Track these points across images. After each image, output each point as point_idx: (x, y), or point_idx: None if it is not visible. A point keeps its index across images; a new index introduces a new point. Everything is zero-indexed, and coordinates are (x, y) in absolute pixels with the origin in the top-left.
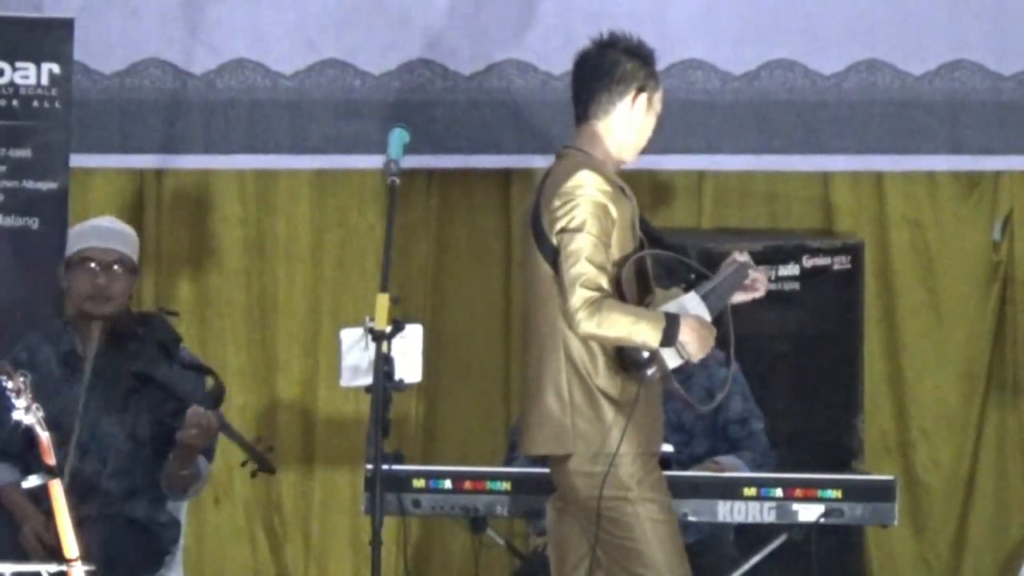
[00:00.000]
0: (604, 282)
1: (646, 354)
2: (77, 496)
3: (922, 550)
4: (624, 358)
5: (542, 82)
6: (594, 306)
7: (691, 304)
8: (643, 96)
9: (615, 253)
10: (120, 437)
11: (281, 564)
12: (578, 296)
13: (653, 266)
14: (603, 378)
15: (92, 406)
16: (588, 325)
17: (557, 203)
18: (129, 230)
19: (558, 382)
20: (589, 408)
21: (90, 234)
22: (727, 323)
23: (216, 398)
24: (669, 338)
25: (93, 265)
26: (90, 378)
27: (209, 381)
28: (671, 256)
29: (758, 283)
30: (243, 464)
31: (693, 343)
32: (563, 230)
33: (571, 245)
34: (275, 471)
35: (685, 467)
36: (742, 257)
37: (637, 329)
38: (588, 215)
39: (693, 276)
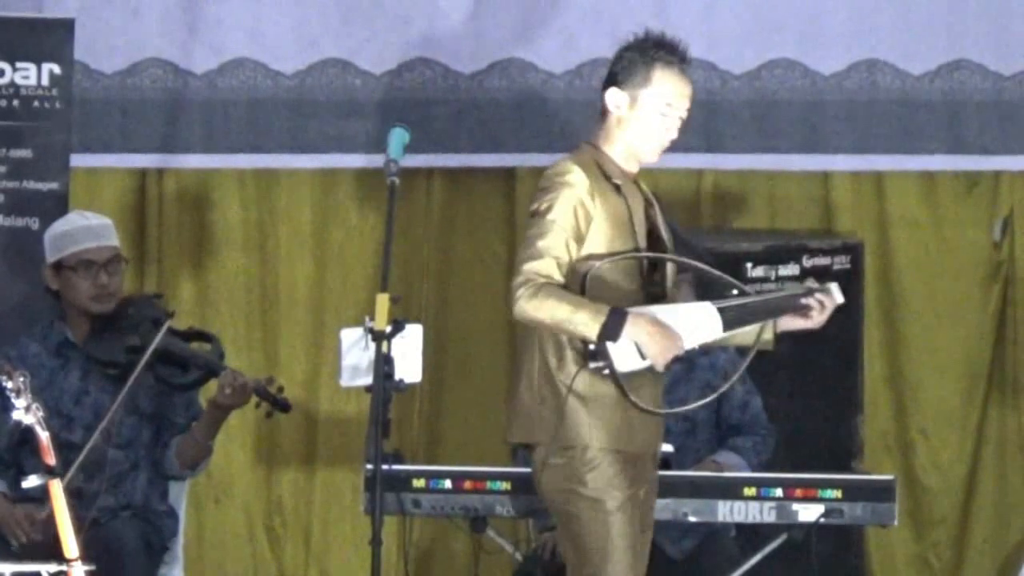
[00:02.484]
0: (555, 272)
1: (592, 346)
2: (84, 472)
3: (922, 550)
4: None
5: (543, 81)
6: (533, 288)
7: (698, 312)
8: (638, 94)
9: (598, 249)
10: (121, 411)
11: (281, 564)
12: (521, 277)
13: (679, 274)
14: (568, 371)
15: (92, 387)
16: (523, 305)
17: (538, 187)
18: (108, 220)
19: (531, 373)
20: (553, 400)
21: (84, 235)
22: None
23: (218, 358)
24: (609, 332)
25: (94, 266)
26: (85, 361)
27: (206, 346)
28: (696, 267)
29: (812, 311)
30: (257, 407)
31: (650, 345)
32: (533, 213)
33: (532, 228)
34: (290, 409)
35: (689, 455)
36: (826, 292)
37: (575, 318)
38: (558, 202)
39: (734, 291)
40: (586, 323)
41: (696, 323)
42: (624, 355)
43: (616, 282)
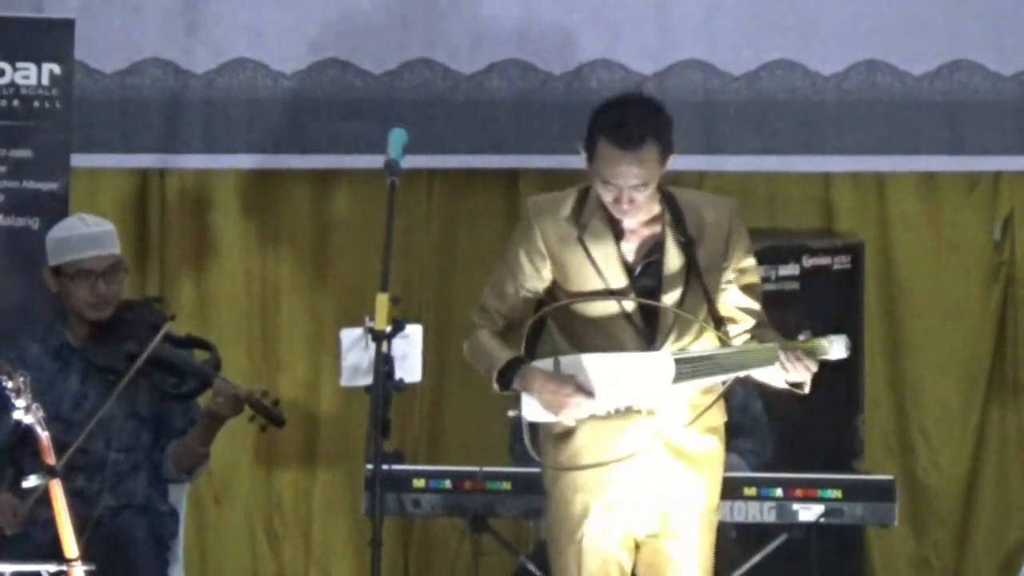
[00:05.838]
0: (492, 315)
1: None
2: (85, 473)
3: (922, 550)
4: None
5: (542, 82)
6: (469, 335)
7: (646, 362)
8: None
9: (564, 285)
10: (121, 416)
11: (281, 564)
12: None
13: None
14: None
15: (91, 392)
16: (464, 351)
17: None
18: (109, 225)
19: None
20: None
21: (84, 243)
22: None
23: (214, 366)
24: (503, 384)
25: (93, 274)
26: (85, 365)
27: (204, 353)
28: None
29: (788, 368)
30: (251, 420)
31: (541, 398)
32: None
33: None
34: (284, 424)
35: None
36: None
37: (488, 368)
38: (510, 243)
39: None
40: (490, 374)
41: (634, 375)
42: (535, 407)
43: (586, 319)
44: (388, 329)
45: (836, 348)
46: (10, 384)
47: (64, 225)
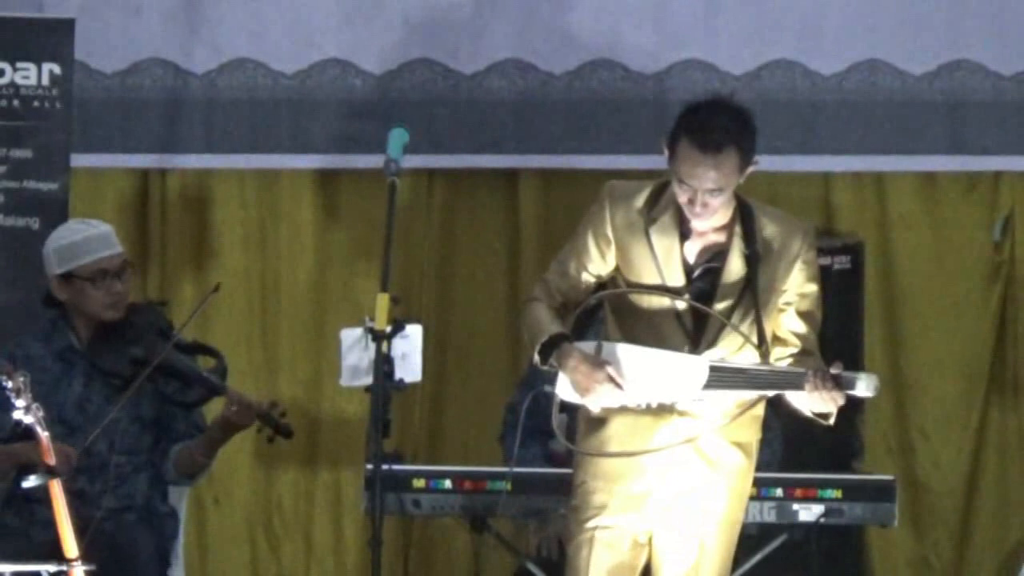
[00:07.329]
0: (550, 290)
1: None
2: (87, 474)
3: (922, 550)
4: None
5: (543, 81)
6: (524, 304)
7: (681, 364)
8: (670, 156)
9: (625, 274)
10: (125, 420)
11: (281, 564)
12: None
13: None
14: None
15: (94, 396)
16: (521, 318)
17: None
18: (108, 226)
19: None
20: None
21: (94, 245)
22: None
23: (220, 374)
24: (542, 357)
25: (109, 273)
26: (89, 368)
27: (210, 361)
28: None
29: (814, 396)
30: (259, 431)
31: (571, 379)
32: None
33: None
34: (293, 435)
35: None
36: (819, 375)
37: (532, 339)
38: (582, 222)
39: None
40: (534, 346)
41: (667, 374)
42: (568, 386)
43: (638, 310)
44: (388, 329)
45: (864, 385)
46: (10, 384)
47: (67, 231)
